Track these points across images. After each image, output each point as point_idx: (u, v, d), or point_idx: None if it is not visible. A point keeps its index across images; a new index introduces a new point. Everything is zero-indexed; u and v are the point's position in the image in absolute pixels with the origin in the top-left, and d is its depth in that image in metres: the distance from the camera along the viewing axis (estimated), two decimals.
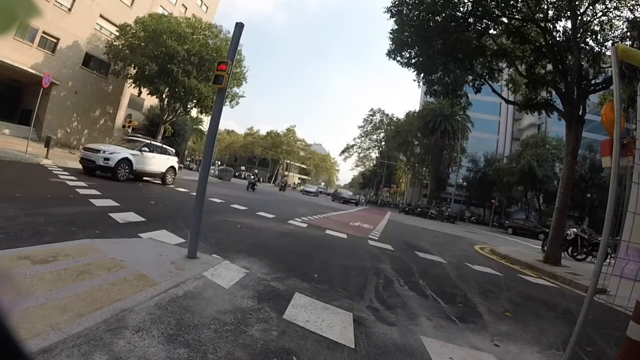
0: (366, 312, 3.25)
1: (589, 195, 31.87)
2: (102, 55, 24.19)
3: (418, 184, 52.11)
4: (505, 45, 11.74)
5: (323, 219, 12.34)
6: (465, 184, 44.05)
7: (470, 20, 10.97)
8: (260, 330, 2.42)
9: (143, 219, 5.64)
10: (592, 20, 10.04)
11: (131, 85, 25.02)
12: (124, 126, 23.74)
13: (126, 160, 11.13)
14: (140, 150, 11.86)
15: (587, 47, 10.24)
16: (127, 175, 11.24)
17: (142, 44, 22.25)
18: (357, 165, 64.93)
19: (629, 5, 9.49)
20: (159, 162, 12.89)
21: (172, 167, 13.68)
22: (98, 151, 10.70)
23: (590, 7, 9.84)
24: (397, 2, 11.09)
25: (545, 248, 10.24)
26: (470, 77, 12.61)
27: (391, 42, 12.05)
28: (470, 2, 10.60)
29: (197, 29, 24.04)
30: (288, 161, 71.31)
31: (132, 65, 23.08)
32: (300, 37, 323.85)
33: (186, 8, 31.51)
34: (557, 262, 9.01)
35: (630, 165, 2.65)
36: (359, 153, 60.41)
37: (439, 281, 5.23)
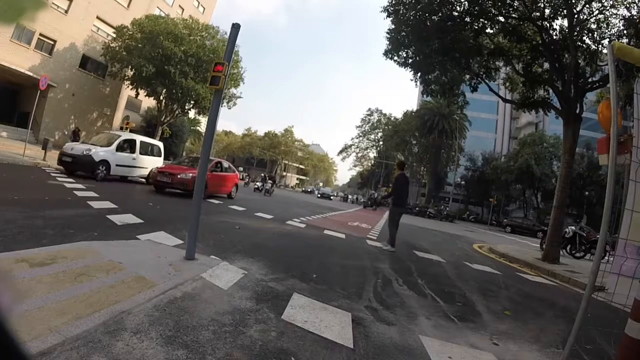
0: (365, 312, 3.25)
1: (586, 193, 32.02)
2: (99, 57, 24.12)
3: (416, 184, 52.17)
4: (502, 44, 11.75)
5: (321, 219, 12.34)
6: (463, 182, 44.15)
7: (467, 19, 10.98)
8: (258, 331, 2.42)
9: (141, 221, 5.63)
10: (588, 18, 10.07)
11: (128, 86, 24.98)
12: (121, 128, 23.70)
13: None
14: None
15: (584, 45, 10.27)
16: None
17: (139, 45, 22.21)
18: (355, 165, 65.06)
19: (625, 3, 9.53)
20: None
21: None
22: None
23: (587, 6, 9.86)
24: (393, 2, 11.08)
25: (544, 246, 10.27)
26: (467, 76, 12.60)
27: (388, 42, 12.04)
28: (467, 1, 10.60)
29: (194, 30, 24.04)
30: (286, 161, 71.23)
31: (129, 67, 23.05)
32: (299, 38, 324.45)
33: (183, 9, 31.48)
34: (556, 260, 9.03)
35: (628, 163, 2.67)
36: (357, 153, 60.56)
37: (437, 280, 5.23)
